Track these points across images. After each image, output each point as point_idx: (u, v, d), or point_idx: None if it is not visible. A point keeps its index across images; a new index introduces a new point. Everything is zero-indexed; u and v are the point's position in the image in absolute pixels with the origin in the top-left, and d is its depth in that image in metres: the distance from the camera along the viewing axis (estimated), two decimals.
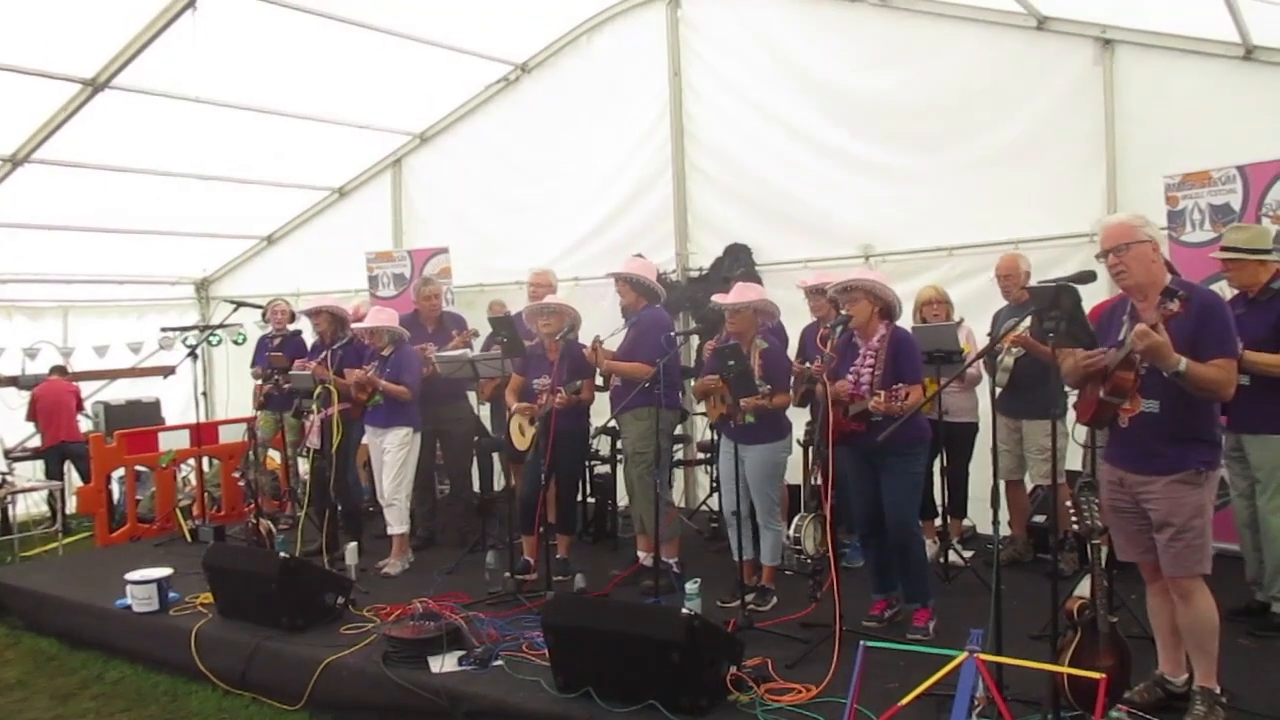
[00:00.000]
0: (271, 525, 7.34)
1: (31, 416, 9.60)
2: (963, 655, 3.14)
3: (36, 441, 9.96)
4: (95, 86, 7.59)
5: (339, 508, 7.12)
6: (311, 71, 8.42)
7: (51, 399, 9.52)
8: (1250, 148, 6.00)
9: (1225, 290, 4.92)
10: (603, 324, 6.69)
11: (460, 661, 4.88)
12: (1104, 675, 3.01)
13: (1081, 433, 5.68)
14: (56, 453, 9.50)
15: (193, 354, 8.36)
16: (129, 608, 6.11)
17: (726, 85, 8.48)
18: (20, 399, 9.71)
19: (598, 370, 6.38)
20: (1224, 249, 4.93)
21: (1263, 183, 5.92)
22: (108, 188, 9.17)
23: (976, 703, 3.55)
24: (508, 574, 6.17)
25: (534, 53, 9.34)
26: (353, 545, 6.71)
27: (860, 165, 7.78)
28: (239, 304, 8.89)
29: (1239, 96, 6.35)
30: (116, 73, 7.50)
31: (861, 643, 3.47)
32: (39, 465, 9.66)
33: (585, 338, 6.39)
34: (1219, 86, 6.44)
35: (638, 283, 6.30)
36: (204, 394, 8.70)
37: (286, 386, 7.48)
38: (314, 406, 6.95)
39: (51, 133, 8.05)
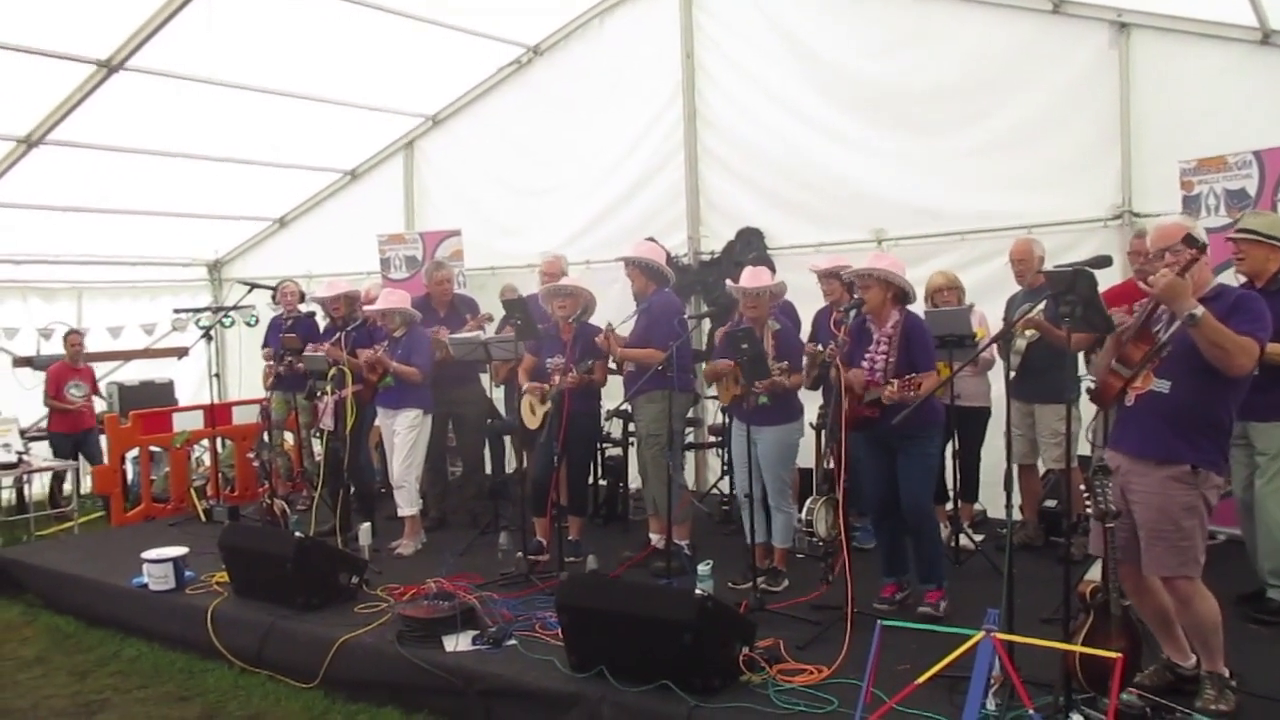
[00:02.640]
0: (286, 505, 7.40)
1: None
2: (980, 634, 3.15)
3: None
4: (110, 68, 7.60)
5: (352, 489, 7.16)
6: (324, 53, 8.42)
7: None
8: (1267, 132, 5.98)
9: (1233, 280, 4.90)
10: (615, 306, 6.71)
11: (474, 641, 4.93)
12: (1120, 655, 3.02)
13: (1089, 419, 5.71)
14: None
15: (207, 335, 8.41)
16: (145, 586, 6.16)
17: (739, 68, 8.45)
18: (35, 379, 9.77)
19: (611, 356, 6.40)
20: (1241, 231, 4.91)
21: (1279, 168, 5.89)
22: (121, 169, 9.20)
23: (992, 682, 3.57)
24: (520, 555, 6.20)
25: (546, 35, 9.32)
26: (366, 526, 6.76)
27: (873, 149, 7.76)
28: (252, 285, 8.92)
29: (1256, 81, 6.31)
30: (131, 54, 7.51)
31: (879, 622, 3.49)
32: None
33: (598, 320, 6.41)
34: (1236, 70, 6.40)
35: (647, 266, 6.31)
36: (217, 375, 8.73)
37: (300, 367, 7.51)
38: (328, 388, 6.99)
39: (66, 114, 8.06)
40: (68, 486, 9.00)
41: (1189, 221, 3.82)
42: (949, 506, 6.43)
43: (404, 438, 6.87)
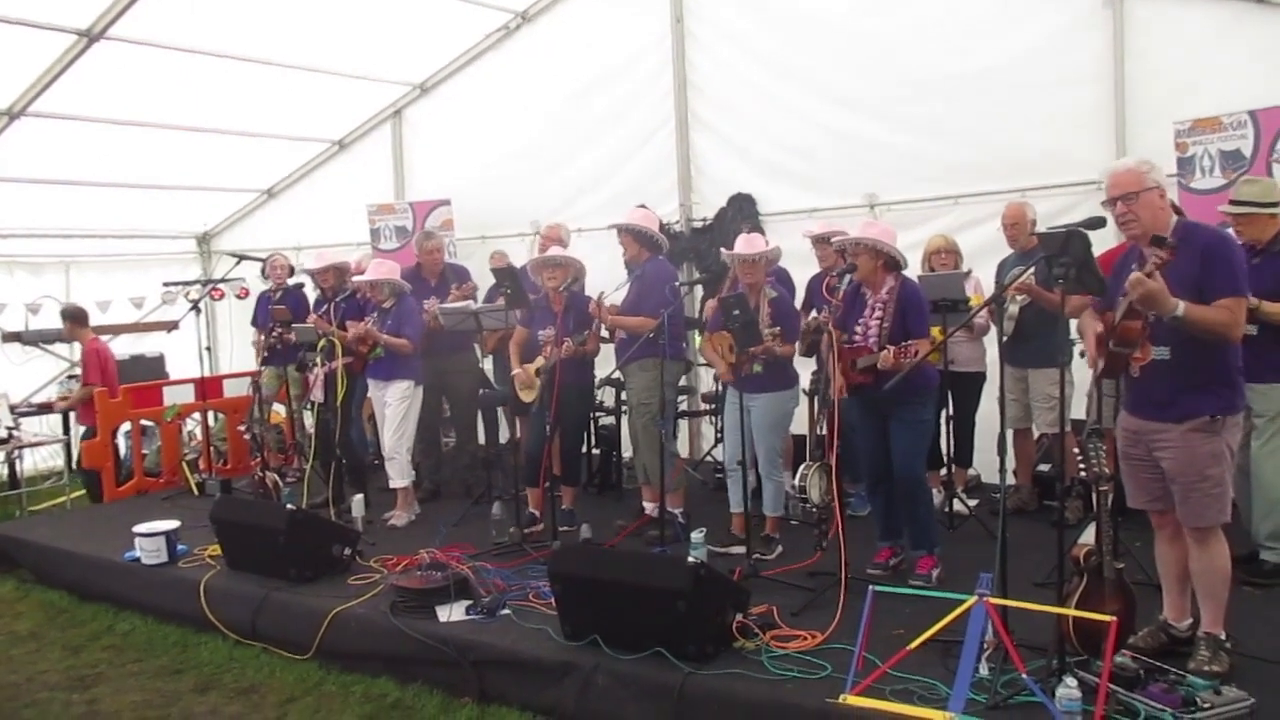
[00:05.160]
0: (278, 478, 7.37)
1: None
2: (972, 599, 3.15)
3: (41, 397, 9.96)
4: (91, 37, 7.46)
5: (344, 461, 7.14)
6: (310, 21, 8.28)
7: None
8: (1262, 92, 5.92)
9: None
10: (605, 275, 6.67)
11: (468, 611, 4.93)
12: (1114, 619, 3.02)
13: (1082, 383, 5.70)
14: None
15: (195, 308, 8.34)
16: (138, 560, 6.15)
17: (729, 33, 8.35)
18: (25, 354, 9.69)
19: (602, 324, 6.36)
20: (1234, 202, 4.87)
21: (1274, 128, 5.84)
22: (106, 141, 9.08)
23: (985, 646, 3.57)
24: (513, 529, 6.18)
25: (534, 0, 9.19)
26: (359, 497, 6.75)
27: (864, 113, 7.68)
28: (241, 257, 8.84)
29: (1251, 41, 6.25)
30: (112, 23, 7.36)
31: (871, 588, 3.48)
32: (45, 420, 9.65)
33: (588, 289, 6.36)
34: (1231, 30, 6.34)
35: (641, 234, 6.26)
36: (208, 348, 8.66)
37: (290, 339, 7.46)
38: (318, 360, 6.95)
39: (48, 85, 7.93)
40: (61, 462, 8.95)
41: (1143, 165, 3.75)
42: (943, 472, 6.42)
43: (395, 409, 6.84)
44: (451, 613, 4.92)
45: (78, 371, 9.14)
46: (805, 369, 6.06)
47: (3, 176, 9.07)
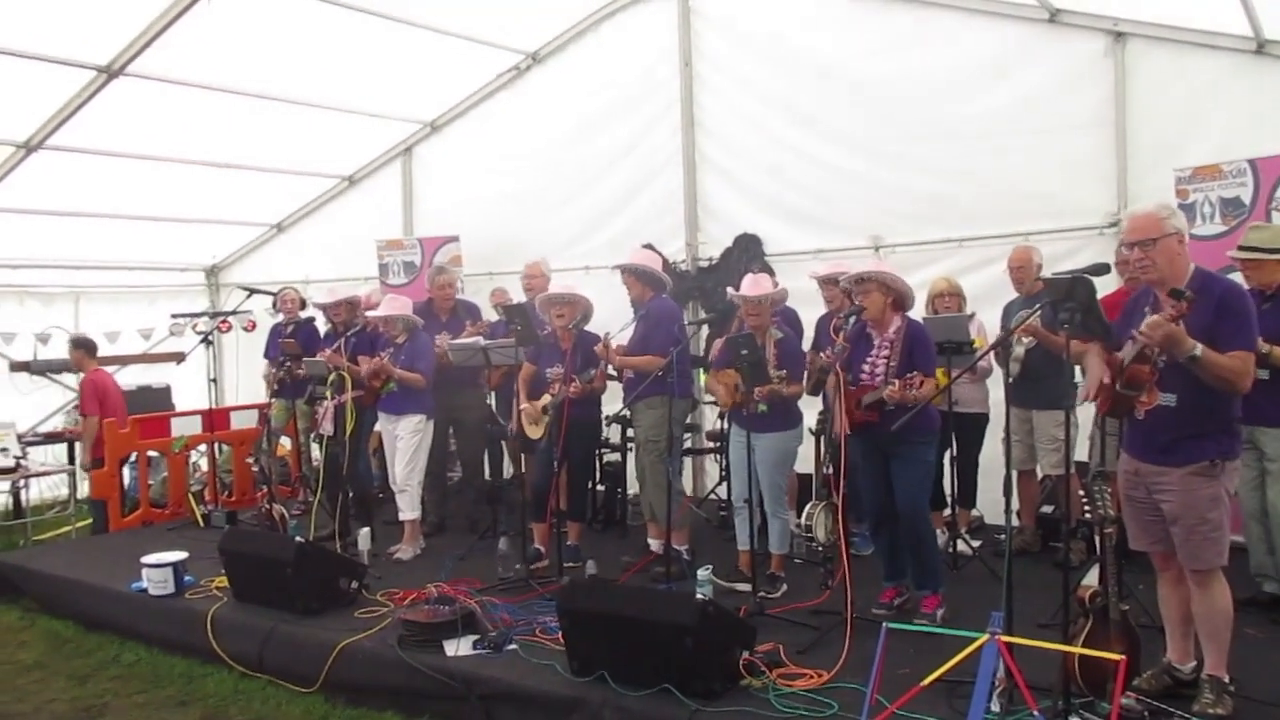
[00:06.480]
0: (284, 510, 7.40)
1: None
2: (984, 637, 3.17)
3: (48, 426, 10.00)
4: (110, 73, 7.60)
5: (351, 494, 7.17)
6: (324, 59, 8.43)
7: None
8: (1262, 141, 6.03)
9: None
10: (613, 312, 6.74)
11: (475, 645, 4.94)
12: (1123, 657, 3.05)
13: (1086, 425, 5.74)
14: None
15: (206, 340, 8.40)
16: (145, 591, 6.16)
17: (737, 75, 8.50)
18: (33, 384, 9.74)
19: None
20: (1243, 248, 4.94)
21: (1273, 176, 5.94)
22: (120, 174, 9.20)
23: (995, 685, 3.59)
24: (518, 566, 6.18)
25: (545, 42, 9.34)
26: (365, 531, 6.77)
27: (870, 156, 7.80)
28: (251, 290, 8.92)
29: (1250, 90, 6.37)
30: (131, 60, 7.51)
31: (885, 625, 3.50)
32: (51, 450, 9.67)
33: (596, 326, 6.43)
34: (1230, 80, 6.46)
35: (643, 273, 6.34)
36: (213, 380, 8.73)
37: (300, 372, 7.52)
38: (327, 393, 7.01)
39: (65, 119, 8.06)
40: (66, 491, 8.98)
41: (1163, 211, 3.81)
42: (946, 512, 6.45)
43: (407, 442, 6.89)
44: (459, 647, 4.93)
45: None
46: (812, 408, 6.12)
47: (18, 208, 9.17)
